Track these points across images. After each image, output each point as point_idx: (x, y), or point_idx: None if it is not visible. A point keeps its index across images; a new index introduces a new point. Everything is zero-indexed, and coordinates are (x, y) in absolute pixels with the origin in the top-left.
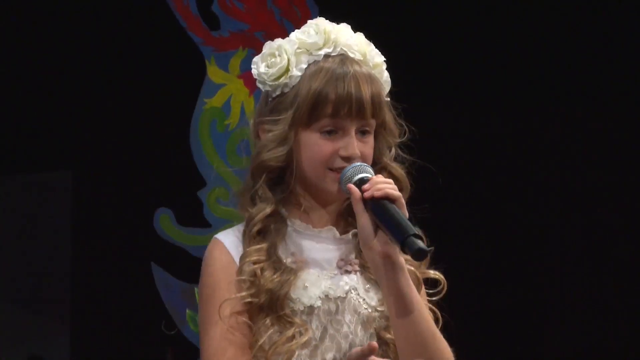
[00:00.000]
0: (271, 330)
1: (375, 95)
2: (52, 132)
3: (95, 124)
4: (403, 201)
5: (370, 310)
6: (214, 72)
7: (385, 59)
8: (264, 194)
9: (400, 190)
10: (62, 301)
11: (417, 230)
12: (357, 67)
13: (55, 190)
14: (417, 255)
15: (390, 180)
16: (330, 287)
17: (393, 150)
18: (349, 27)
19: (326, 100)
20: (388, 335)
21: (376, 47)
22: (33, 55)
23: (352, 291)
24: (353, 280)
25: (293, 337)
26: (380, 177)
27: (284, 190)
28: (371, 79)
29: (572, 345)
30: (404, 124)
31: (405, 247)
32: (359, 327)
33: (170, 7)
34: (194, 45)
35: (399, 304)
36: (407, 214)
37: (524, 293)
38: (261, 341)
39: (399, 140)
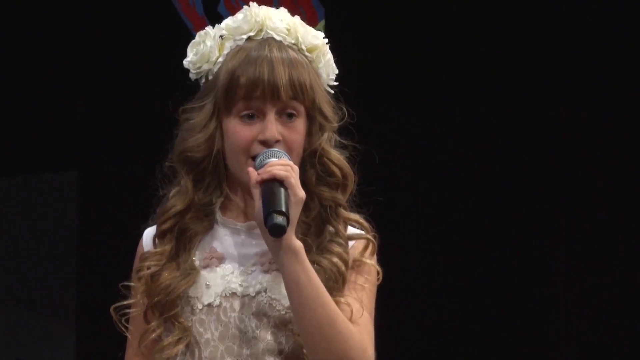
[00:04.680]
0: (159, 331)
1: (295, 78)
2: (58, 132)
3: (101, 125)
4: (292, 181)
5: (284, 312)
6: None
7: (327, 42)
8: (185, 187)
9: (344, 178)
10: (67, 302)
11: (282, 207)
12: (275, 50)
13: (61, 190)
14: (272, 230)
15: (288, 163)
16: (240, 284)
17: (327, 134)
18: (285, 11)
19: (238, 84)
20: (300, 338)
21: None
22: (39, 56)
23: (263, 293)
24: (267, 280)
25: (178, 340)
26: (280, 161)
27: (205, 181)
28: (292, 63)
29: (575, 346)
30: (343, 108)
31: (266, 223)
32: (268, 331)
33: (177, 8)
34: None
35: (293, 290)
36: (298, 195)
37: (525, 294)
38: (148, 340)
39: (336, 124)
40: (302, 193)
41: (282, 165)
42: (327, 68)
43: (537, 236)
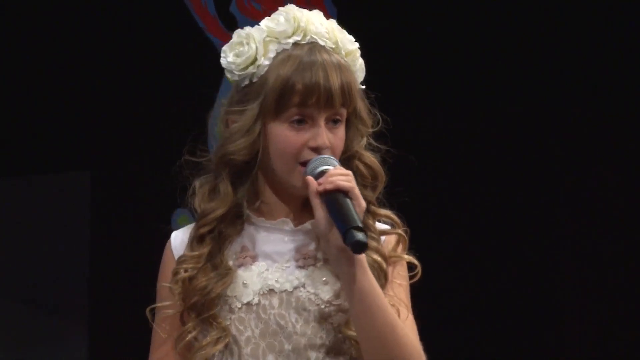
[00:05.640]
0: (195, 332)
1: (345, 84)
2: (70, 132)
3: (113, 124)
4: (356, 192)
5: (323, 306)
6: None
7: (359, 46)
8: (225, 190)
9: (374, 179)
10: (80, 302)
11: (359, 222)
12: (326, 56)
13: (73, 190)
14: (355, 247)
15: (348, 172)
16: (277, 280)
17: (365, 139)
18: (321, 14)
19: (293, 90)
20: (349, 331)
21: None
22: (52, 56)
23: (301, 288)
24: (304, 275)
25: (217, 340)
26: (338, 169)
27: (245, 183)
28: (341, 68)
29: (588, 344)
30: (377, 113)
31: (346, 239)
32: (309, 326)
33: (189, 8)
34: (212, 46)
35: (356, 298)
36: (362, 205)
37: (532, 291)
38: (185, 341)
39: (371, 129)
40: (364, 203)
41: (343, 175)
42: (360, 73)
43: (552, 235)
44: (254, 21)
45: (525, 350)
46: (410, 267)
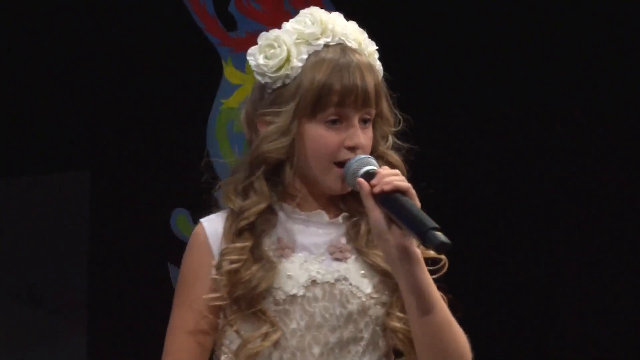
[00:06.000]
0: (243, 326)
1: (376, 84)
2: (70, 132)
3: (112, 124)
4: (413, 191)
5: (364, 299)
6: (230, 73)
7: (377, 48)
8: (261, 188)
9: None
10: (78, 302)
11: (434, 223)
12: (358, 57)
13: (72, 190)
14: (440, 248)
15: (397, 172)
16: (318, 271)
17: (390, 139)
18: (342, 15)
19: (331, 91)
20: (393, 323)
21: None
22: (52, 56)
23: (343, 281)
24: (343, 268)
25: (266, 334)
26: (386, 169)
27: (279, 184)
28: (372, 68)
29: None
30: (397, 113)
31: (427, 241)
32: (351, 319)
33: (188, 8)
34: (211, 46)
35: (417, 297)
36: (419, 204)
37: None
38: (228, 332)
39: (394, 129)
40: (419, 202)
41: (396, 175)
42: (379, 73)
43: (556, 234)
44: (253, 21)
45: (527, 350)
46: (434, 261)
